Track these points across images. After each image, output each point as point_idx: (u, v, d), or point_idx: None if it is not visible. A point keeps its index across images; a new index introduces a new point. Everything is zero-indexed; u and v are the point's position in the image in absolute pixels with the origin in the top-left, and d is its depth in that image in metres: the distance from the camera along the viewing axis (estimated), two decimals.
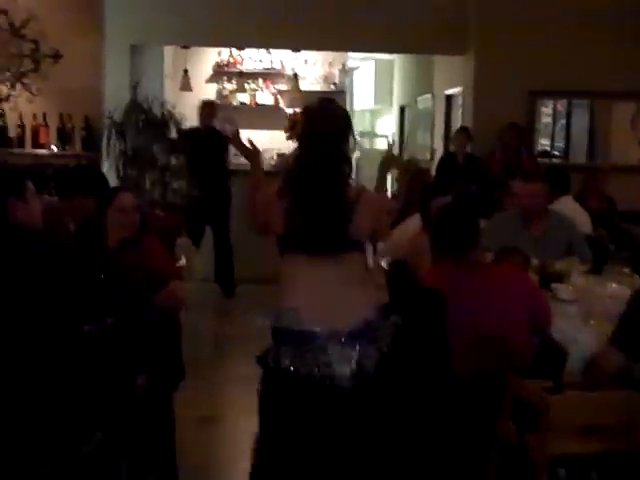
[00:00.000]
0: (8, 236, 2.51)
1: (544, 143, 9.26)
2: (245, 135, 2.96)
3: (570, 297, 3.75)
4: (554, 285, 3.92)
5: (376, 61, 12.99)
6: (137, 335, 2.65)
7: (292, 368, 2.50)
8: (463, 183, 5.52)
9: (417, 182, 5.59)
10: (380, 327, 2.66)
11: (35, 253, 2.47)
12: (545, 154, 9.02)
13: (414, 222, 4.44)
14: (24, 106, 7.14)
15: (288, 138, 2.95)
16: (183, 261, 4.15)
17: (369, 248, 2.98)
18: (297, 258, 2.61)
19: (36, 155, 7.06)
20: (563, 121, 9.59)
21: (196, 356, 5.65)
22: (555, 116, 9.55)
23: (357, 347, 2.53)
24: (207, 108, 8.23)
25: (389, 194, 6.73)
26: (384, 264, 4.03)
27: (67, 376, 2.57)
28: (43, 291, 2.42)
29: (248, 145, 2.86)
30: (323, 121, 2.68)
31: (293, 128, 3.18)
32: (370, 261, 3.93)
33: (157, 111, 7.41)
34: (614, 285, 3.52)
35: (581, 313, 3.51)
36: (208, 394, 5.23)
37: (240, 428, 4.58)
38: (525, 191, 4.69)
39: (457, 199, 4.36)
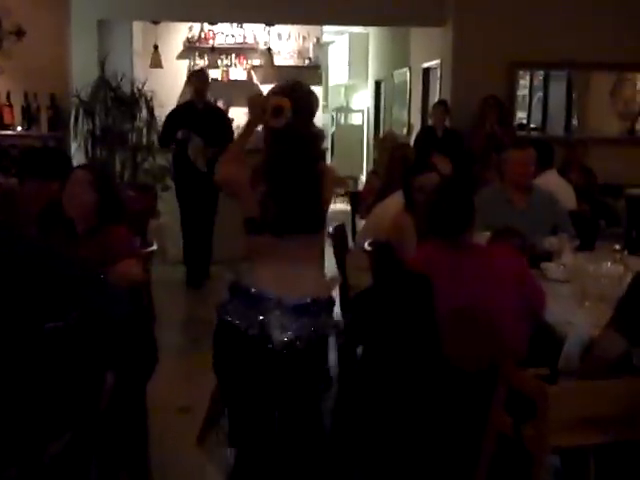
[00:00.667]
0: None
1: (521, 116, 9.13)
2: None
3: (562, 277, 3.59)
4: (544, 264, 3.76)
5: (350, 35, 12.77)
6: (104, 330, 2.46)
7: (235, 322, 2.69)
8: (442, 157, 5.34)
9: (397, 158, 5.39)
10: (326, 312, 2.77)
11: None
12: (522, 127, 8.88)
13: (395, 201, 4.25)
14: None
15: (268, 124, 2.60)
16: (154, 246, 3.90)
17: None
18: (268, 239, 2.69)
19: (1, 136, 6.77)
20: (540, 93, 9.49)
21: (171, 342, 5.48)
22: (532, 88, 9.43)
23: (298, 320, 2.68)
24: (201, 78, 7.13)
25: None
26: (366, 245, 3.84)
27: (29, 375, 2.38)
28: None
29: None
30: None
31: (277, 115, 2.64)
32: (350, 242, 3.84)
33: (126, 89, 7.15)
34: (609, 264, 3.36)
35: (575, 294, 3.35)
36: (185, 382, 5.03)
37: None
38: (520, 158, 4.54)
39: (449, 178, 4.17)
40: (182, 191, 6.95)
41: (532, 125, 9.38)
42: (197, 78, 7.20)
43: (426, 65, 9.54)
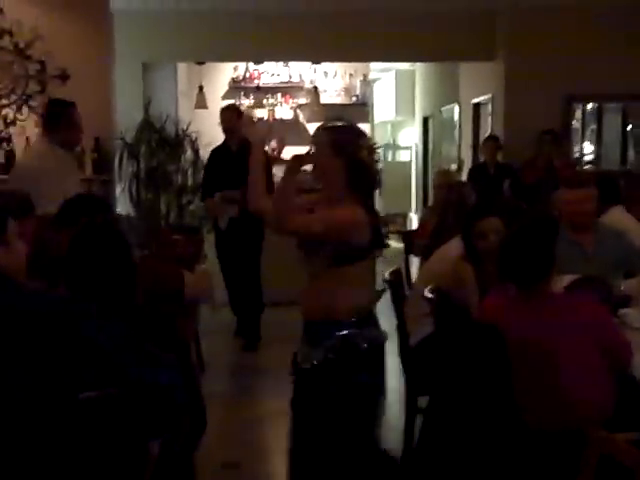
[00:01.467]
0: None
1: (574, 150, 8.83)
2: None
3: None
4: (622, 311, 3.43)
5: (397, 71, 12.62)
6: (149, 398, 2.21)
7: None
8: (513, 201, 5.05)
9: (453, 196, 5.12)
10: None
11: (16, 309, 2.04)
12: (577, 161, 8.58)
13: (454, 246, 3.96)
14: (31, 130, 6.76)
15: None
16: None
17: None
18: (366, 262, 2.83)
19: None
20: (593, 126, 9.21)
21: (219, 391, 5.23)
22: (584, 121, 9.16)
23: None
24: (225, 115, 6.30)
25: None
26: (427, 292, 3.56)
27: (59, 450, 2.14)
28: (26, 355, 1.99)
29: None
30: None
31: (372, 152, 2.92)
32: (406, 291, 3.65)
33: (171, 130, 7.02)
34: None
35: None
36: (232, 435, 4.77)
37: (266, 474, 4.16)
38: (573, 197, 4.23)
39: (525, 223, 3.83)
40: (220, 239, 6.47)
41: (586, 158, 9.10)
42: (222, 116, 6.28)
43: (476, 100, 9.31)
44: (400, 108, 12.83)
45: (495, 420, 2.80)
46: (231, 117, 6.15)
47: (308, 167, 2.89)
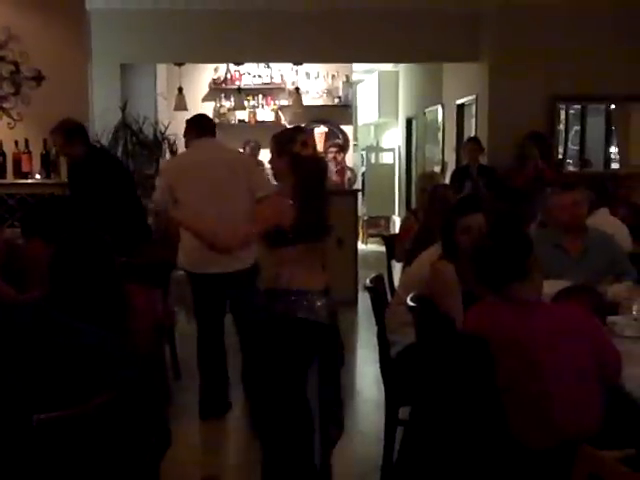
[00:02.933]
0: None
1: (558, 151, 8.76)
2: None
3: (636, 333, 3.15)
4: (611, 319, 3.31)
5: (380, 73, 12.52)
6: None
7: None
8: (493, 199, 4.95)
9: (437, 199, 5.01)
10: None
11: None
12: (559, 163, 8.50)
13: (435, 251, 3.85)
14: (4, 133, 6.60)
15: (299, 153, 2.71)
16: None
17: None
18: (300, 248, 3.34)
19: (19, 185, 6.49)
20: (577, 127, 9.15)
21: (193, 401, 5.08)
22: (568, 122, 9.10)
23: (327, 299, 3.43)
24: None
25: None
26: (408, 300, 3.44)
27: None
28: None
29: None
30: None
31: (305, 147, 3.26)
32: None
33: (149, 132, 6.87)
34: None
35: None
36: (210, 448, 4.62)
37: None
38: (566, 201, 4.14)
39: (499, 218, 3.75)
40: None
41: (569, 160, 9.05)
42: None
43: (460, 101, 9.21)
44: (383, 110, 12.72)
45: (480, 433, 2.68)
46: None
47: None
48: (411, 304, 3.33)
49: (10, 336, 2.04)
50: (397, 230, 9.21)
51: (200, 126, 4.85)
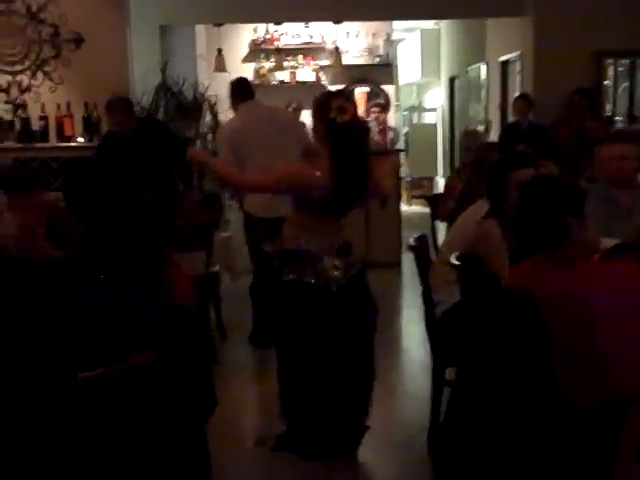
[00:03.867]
0: None
1: (606, 108, 8.51)
2: None
3: None
4: None
5: (421, 31, 12.28)
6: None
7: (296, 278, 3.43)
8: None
9: (483, 158, 4.89)
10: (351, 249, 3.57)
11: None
12: (608, 120, 8.26)
13: (479, 208, 3.77)
14: (46, 96, 6.61)
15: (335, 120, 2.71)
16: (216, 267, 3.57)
17: None
18: (317, 216, 3.45)
19: (61, 148, 6.51)
20: (626, 83, 8.87)
21: (241, 363, 5.09)
22: (616, 78, 8.83)
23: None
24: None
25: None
26: (452, 259, 3.37)
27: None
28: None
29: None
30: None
31: (342, 113, 3.34)
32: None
33: (189, 94, 6.82)
34: None
35: None
36: (257, 411, 4.63)
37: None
38: (614, 153, 4.04)
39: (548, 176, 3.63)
40: None
41: (617, 117, 8.80)
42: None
43: (504, 58, 8.99)
44: (425, 69, 12.50)
45: (528, 392, 2.62)
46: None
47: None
48: (455, 262, 3.26)
49: (44, 293, 2.03)
50: (441, 190, 9.11)
51: (245, 90, 5.45)
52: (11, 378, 1.96)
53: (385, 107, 10.66)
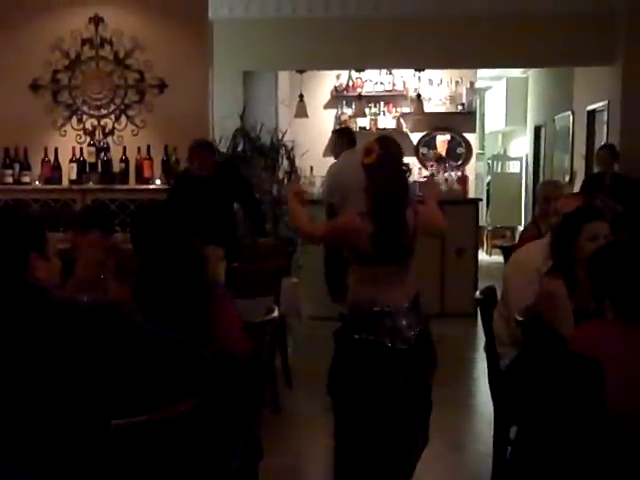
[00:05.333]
0: (28, 298, 1.95)
1: None
2: None
3: None
4: None
5: (508, 79, 12.15)
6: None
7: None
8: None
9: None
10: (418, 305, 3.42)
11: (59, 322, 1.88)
12: None
13: (538, 246, 3.63)
14: (128, 139, 6.78)
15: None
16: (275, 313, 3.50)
17: None
18: (373, 267, 3.33)
19: (140, 190, 6.64)
20: None
21: (304, 411, 4.99)
22: None
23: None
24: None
25: None
26: (517, 315, 3.22)
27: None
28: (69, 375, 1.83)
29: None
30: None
31: (368, 154, 3.36)
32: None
33: (266, 139, 6.88)
34: None
35: None
36: (316, 461, 4.52)
37: None
38: None
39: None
40: None
41: None
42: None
43: (591, 107, 8.78)
44: (511, 117, 12.34)
45: (591, 456, 2.46)
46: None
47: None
48: (519, 319, 3.11)
49: (88, 338, 2.01)
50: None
51: (351, 138, 6.36)
52: (45, 420, 1.94)
53: (466, 157, 10.52)
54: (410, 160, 8.98)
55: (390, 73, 10.24)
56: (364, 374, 3.28)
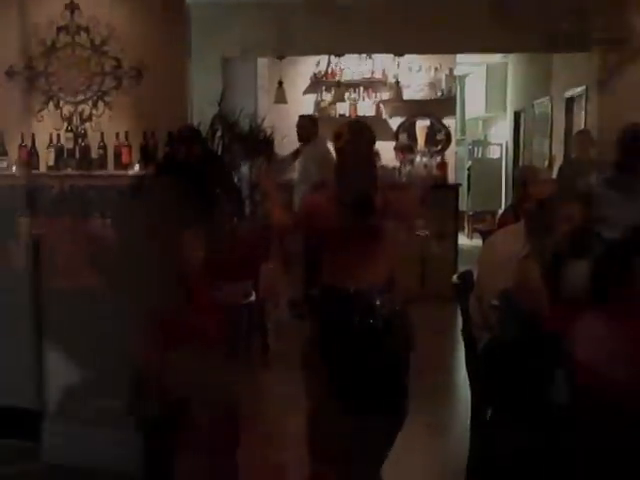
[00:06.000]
0: None
1: None
2: None
3: None
4: None
5: (488, 65, 12.17)
6: None
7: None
8: None
9: (533, 194, 4.74)
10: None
11: None
12: None
13: (513, 230, 3.67)
14: (106, 125, 6.73)
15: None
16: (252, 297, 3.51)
17: None
18: (344, 244, 3.33)
19: (118, 176, 6.60)
20: None
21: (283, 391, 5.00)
22: None
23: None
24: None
25: None
26: (493, 302, 3.23)
27: None
28: None
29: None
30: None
31: (338, 139, 3.36)
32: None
33: (245, 125, 6.86)
34: None
35: None
36: None
37: None
38: None
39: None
40: None
41: None
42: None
43: (569, 94, 8.81)
44: (491, 103, 12.41)
45: (562, 437, 2.50)
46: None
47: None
48: (494, 303, 3.14)
49: None
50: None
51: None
52: None
53: (445, 142, 10.53)
54: (387, 146, 9.03)
55: (370, 57, 10.22)
56: (335, 353, 3.29)
